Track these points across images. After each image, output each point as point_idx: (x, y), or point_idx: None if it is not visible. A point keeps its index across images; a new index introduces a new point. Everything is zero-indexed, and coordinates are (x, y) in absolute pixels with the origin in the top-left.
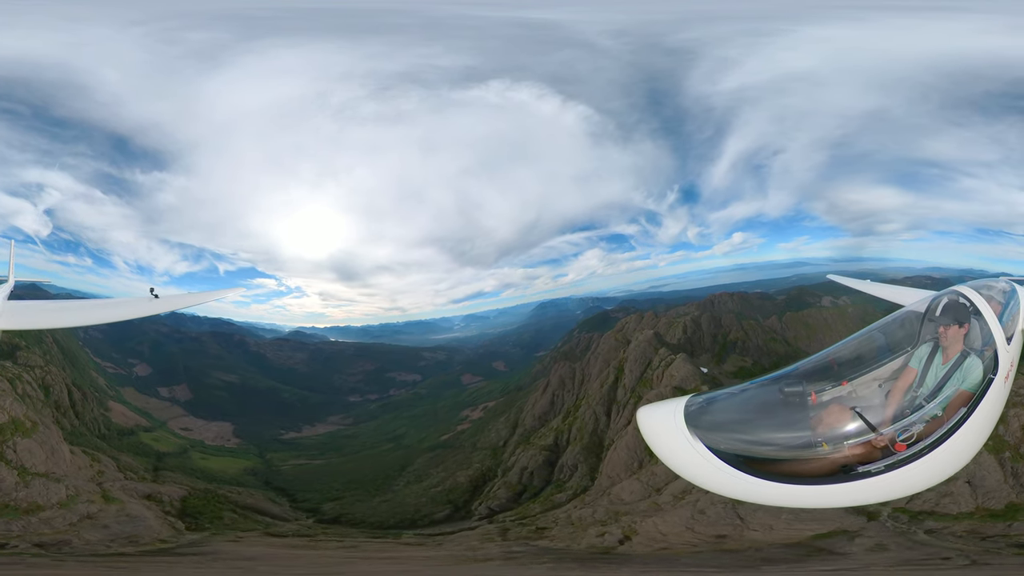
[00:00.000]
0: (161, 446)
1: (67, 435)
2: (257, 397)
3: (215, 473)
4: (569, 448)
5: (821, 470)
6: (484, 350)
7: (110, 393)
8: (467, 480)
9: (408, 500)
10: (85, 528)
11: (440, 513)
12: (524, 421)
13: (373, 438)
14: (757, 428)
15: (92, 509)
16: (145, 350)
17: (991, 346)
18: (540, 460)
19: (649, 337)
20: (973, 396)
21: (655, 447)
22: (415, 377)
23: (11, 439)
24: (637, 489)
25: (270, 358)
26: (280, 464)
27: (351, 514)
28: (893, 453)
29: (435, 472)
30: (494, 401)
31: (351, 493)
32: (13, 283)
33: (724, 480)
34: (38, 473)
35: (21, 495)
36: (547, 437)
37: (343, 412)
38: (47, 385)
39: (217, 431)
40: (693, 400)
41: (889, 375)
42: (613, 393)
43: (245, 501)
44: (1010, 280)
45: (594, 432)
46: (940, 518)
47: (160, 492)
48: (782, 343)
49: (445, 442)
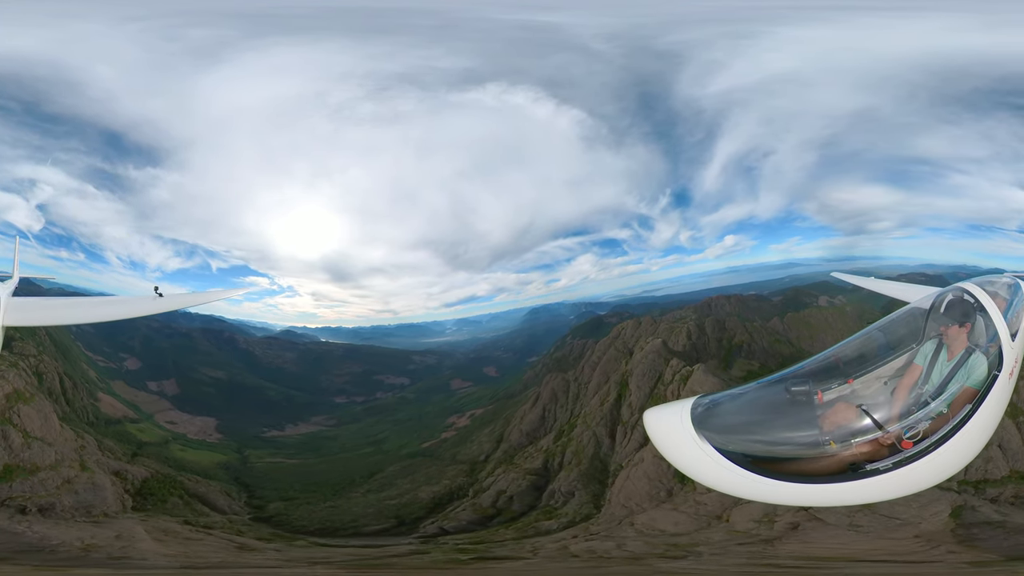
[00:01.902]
0: (144, 436)
1: (58, 418)
2: (243, 394)
3: (188, 464)
4: (563, 473)
5: (829, 468)
6: (475, 355)
7: (100, 385)
8: (429, 497)
9: (355, 509)
10: (64, 492)
11: (376, 526)
12: (510, 436)
13: (353, 441)
14: (764, 428)
15: (71, 474)
16: (136, 345)
17: (996, 343)
18: (524, 484)
19: (657, 347)
20: (978, 393)
21: (663, 449)
22: (403, 380)
23: (15, 406)
24: (684, 521)
25: (259, 356)
26: (256, 461)
27: (289, 515)
28: (900, 451)
29: (401, 482)
30: (482, 408)
31: (307, 495)
32: (18, 279)
33: (733, 480)
34: (35, 437)
35: (25, 456)
36: (535, 459)
37: (327, 413)
38: (40, 373)
39: (201, 426)
40: (699, 401)
41: (894, 372)
42: (616, 412)
43: (197, 490)
44: (1015, 276)
45: (595, 456)
46: (994, 484)
47: (127, 470)
48: (787, 344)
49: (426, 450)
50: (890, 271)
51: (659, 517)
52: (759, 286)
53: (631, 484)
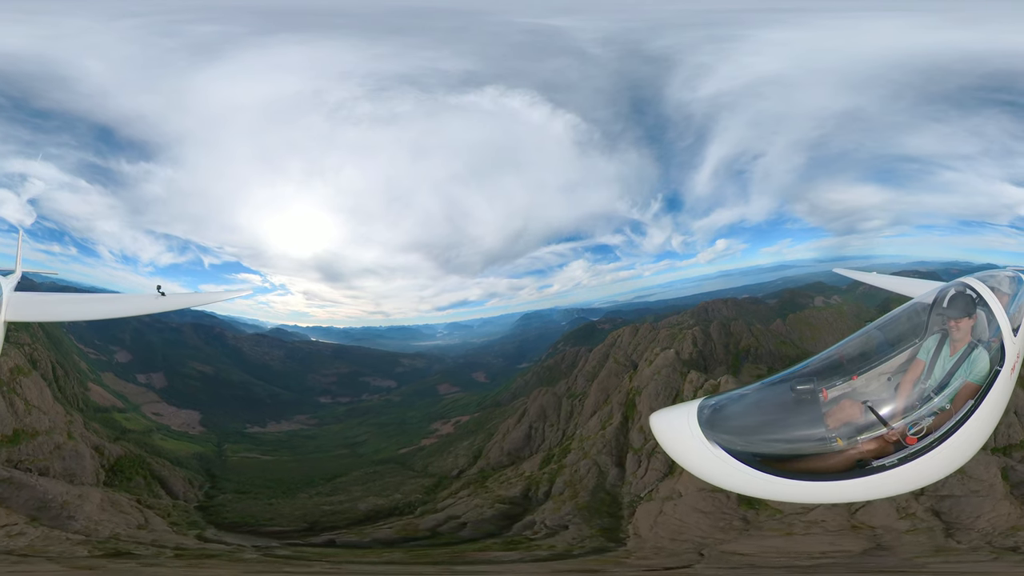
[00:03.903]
0: (130, 425)
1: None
2: (228, 390)
3: (165, 452)
4: (550, 504)
5: (837, 466)
6: (465, 360)
7: (91, 376)
8: (369, 508)
9: (285, 509)
10: (55, 458)
11: (279, 527)
12: (489, 453)
13: (331, 442)
14: (771, 427)
15: (60, 441)
16: (127, 338)
17: (998, 337)
18: (490, 512)
19: (670, 359)
20: (980, 388)
21: (672, 452)
22: (390, 383)
23: (18, 378)
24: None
25: (247, 353)
26: (231, 455)
27: (226, 508)
28: (905, 446)
29: (354, 489)
30: (468, 416)
31: (261, 490)
32: (20, 274)
33: (744, 480)
34: (34, 405)
35: (27, 421)
36: (514, 486)
37: (310, 413)
38: (35, 360)
39: (185, 418)
40: (705, 403)
41: (897, 368)
42: (623, 437)
43: (160, 473)
44: (1016, 270)
45: (599, 488)
46: (1017, 448)
47: (105, 446)
48: (793, 346)
49: (401, 456)
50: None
51: (748, 544)
52: (752, 289)
53: (669, 520)
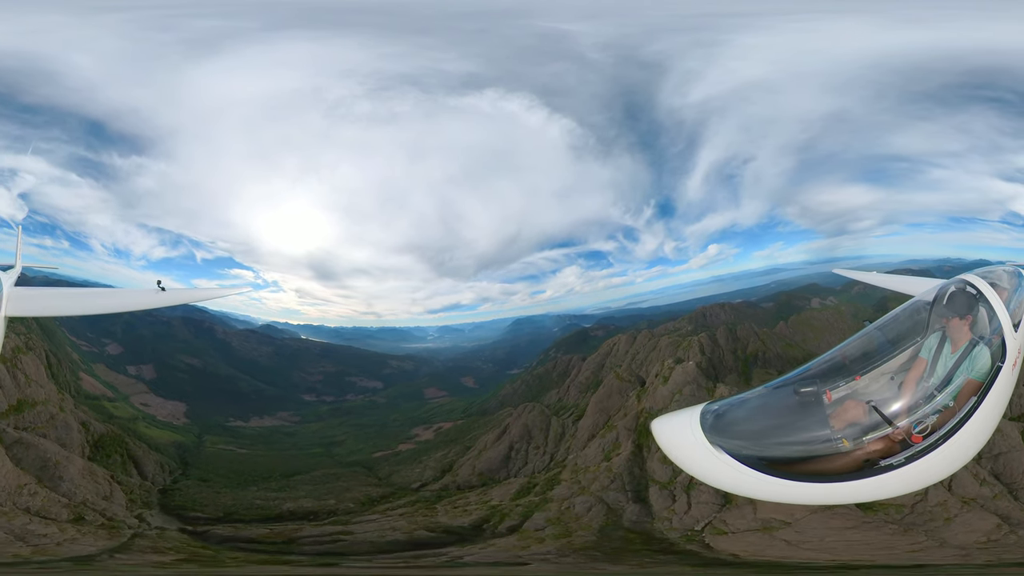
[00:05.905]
0: (118, 412)
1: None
2: (215, 383)
3: (146, 438)
4: (508, 540)
5: (845, 467)
6: (454, 364)
7: (82, 367)
8: (290, 509)
9: (227, 501)
10: (50, 427)
11: (198, 513)
12: (460, 469)
13: (308, 440)
14: (776, 430)
15: (54, 411)
16: (118, 331)
17: (999, 333)
18: (402, 539)
19: (691, 373)
20: (982, 385)
21: (676, 458)
22: (376, 384)
23: (19, 356)
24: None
25: (236, 348)
26: (210, 447)
27: (181, 494)
28: (911, 445)
29: (302, 489)
30: (451, 423)
31: (221, 479)
32: (20, 269)
33: (751, 484)
34: (32, 379)
35: (27, 392)
36: (469, 514)
37: (293, 410)
38: (30, 348)
39: (171, 409)
40: (708, 408)
41: (900, 367)
42: (638, 469)
43: (136, 453)
44: (1016, 266)
45: (612, 527)
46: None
47: (91, 423)
48: (799, 348)
49: (372, 460)
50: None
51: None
52: (745, 293)
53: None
